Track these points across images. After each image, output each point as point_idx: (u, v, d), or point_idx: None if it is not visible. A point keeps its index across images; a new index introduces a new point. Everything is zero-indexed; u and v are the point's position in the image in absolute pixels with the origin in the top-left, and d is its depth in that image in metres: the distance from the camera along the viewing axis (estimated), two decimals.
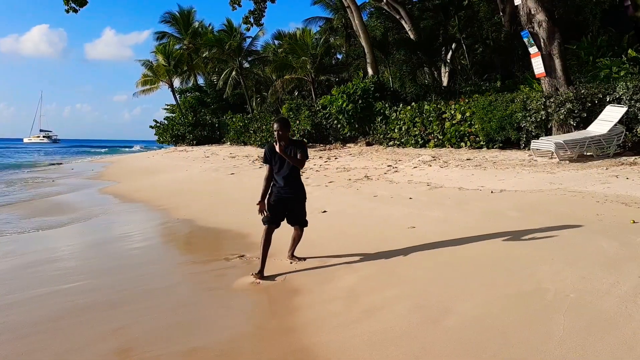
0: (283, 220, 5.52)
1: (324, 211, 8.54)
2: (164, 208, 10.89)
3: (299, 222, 5.60)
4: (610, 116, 11.81)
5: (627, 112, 11.70)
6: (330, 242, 5.08)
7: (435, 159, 14.26)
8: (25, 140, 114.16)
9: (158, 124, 38.00)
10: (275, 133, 5.27)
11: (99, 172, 23.41)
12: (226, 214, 9.39)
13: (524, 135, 14.30)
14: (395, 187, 10.66)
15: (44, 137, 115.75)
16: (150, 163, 25.25)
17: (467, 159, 13.78)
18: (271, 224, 5.38)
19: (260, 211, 5.38)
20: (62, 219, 10.34)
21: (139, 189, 14.78)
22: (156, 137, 38.57)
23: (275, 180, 5.43)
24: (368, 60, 24.06)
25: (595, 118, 12.19)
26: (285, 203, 5.42)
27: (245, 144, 29.57)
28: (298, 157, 5.27)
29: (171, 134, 36.53)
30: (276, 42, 38.26)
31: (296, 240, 5.69)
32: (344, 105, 21.12)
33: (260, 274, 5.19)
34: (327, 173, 13.56)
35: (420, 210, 8.09)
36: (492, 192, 9.06)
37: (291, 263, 5.60)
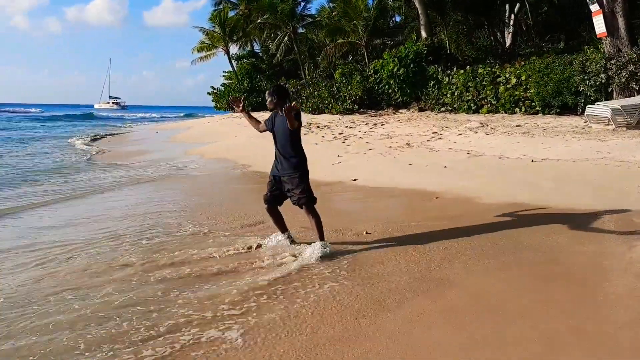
0: (284, 199, 4.90)
1: (355, 179, 8.50)
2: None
3: (299, 202, 4.71)
4: None
5: None
6: (343, 214, 5.00)
7: (483, 126, 13.69)
8: (96, 106, 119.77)
9: (215, 91, 38.72)
10: (268, 104, 4.77)
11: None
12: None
13: (582, 100, 13.40)
14: (433, 155, 10.39)
15: (113, 103, 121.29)
16: (202, 130, 25.90)
17: (517, 126, 13.15)
18: (267, 203, 4.91)
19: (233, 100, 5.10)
20: None
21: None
22: (213, 104, 39.39)
23: (275, 153, 4.87)
24: (421, 22, 23.05)
25: None
26: (280, 183, 4.81)
27: None
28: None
29: (227, 100, 37.16)
30: (331, 5, 37.46)
31: (316, 227, 4.71)
32: (395, 70, 20.56)
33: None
34: (369, 140, 13.34)
35: (452, 180, 7.87)
36: (532, 160, 8.64)
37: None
